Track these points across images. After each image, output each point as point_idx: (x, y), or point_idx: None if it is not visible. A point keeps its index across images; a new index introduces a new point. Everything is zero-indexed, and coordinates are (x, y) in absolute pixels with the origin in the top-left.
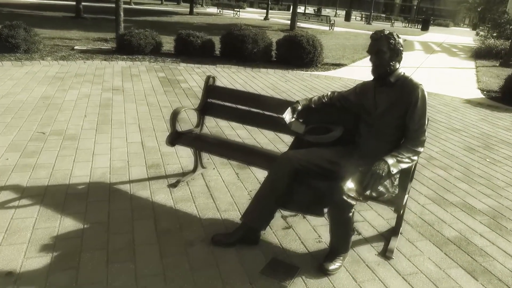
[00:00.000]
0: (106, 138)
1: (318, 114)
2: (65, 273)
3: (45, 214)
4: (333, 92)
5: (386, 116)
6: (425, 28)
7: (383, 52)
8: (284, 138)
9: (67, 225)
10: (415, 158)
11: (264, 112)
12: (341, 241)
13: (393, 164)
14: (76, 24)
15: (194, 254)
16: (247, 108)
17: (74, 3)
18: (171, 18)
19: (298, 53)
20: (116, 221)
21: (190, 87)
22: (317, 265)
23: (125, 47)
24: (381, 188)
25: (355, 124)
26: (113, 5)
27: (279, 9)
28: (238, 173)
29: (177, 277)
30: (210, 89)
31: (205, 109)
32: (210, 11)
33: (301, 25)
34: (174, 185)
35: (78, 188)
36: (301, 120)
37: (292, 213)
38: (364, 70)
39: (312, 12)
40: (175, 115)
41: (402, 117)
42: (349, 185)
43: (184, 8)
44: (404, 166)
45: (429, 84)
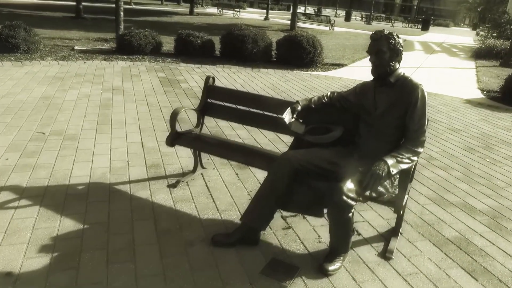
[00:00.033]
0: (106, 138)
1: (318, 114)
2: (65, 273)
3: (45, 214)
4: (332, 92)
5: (386, 116)
6: (425, 28)
7: (383, 52)
8: (284, 138)
9: (67, 225)
10: (415, 158)
11: (263, 112)
12: (341, 241)
13: (393, 165)
14: (76, 24)
15: (194, 254)
16: (246, 109)
17: (74, 3)
18: (171, 18)
19: (298, 53)
20: (116, 221)
21: (190, 87)
22: (317, 265)
23: (125, 47)
24: (381, 189)
25: (355, 125)
26: (113, 5)
27: (279, 9)
28: (238, 173)
29: (177, 277)
30: (210, 89)
31: (204, 109)
32: (210, 11)
33: (301, 25)
34: (174, 185)
35: (78, 188)
36: (300, 120)
37: (292, 214)
38: (364, 70)
39: (312, 12)
40: (174, 116)
41: (402, 117)
42: (349, 185)
43: (184, 8)
44: (404, 166)
45: (429, 84)
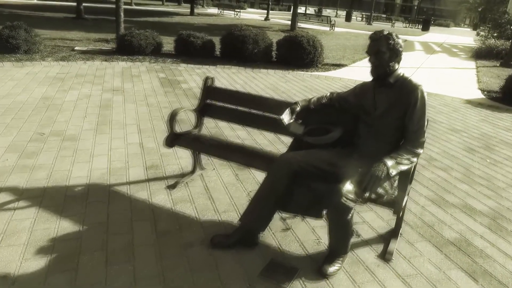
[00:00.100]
0: (105, 139)
1: (317, 115)
2: (63, 275)
3: (44, 216)
4: (332, 93)
5: (385, 117)
6: (425, 28)
7: (383, 52)
8: (283, 139)
9: (66, 226)
10: (414, 159)
11: (262, 113)
12: (340, 243)
13: (392, 166)
14: (77, 25)
15: (193, 255)
16: (246, 109)
17: (75, 4)
18: (172, 18)
19: (298, 53)
20: (115, 222)
21: (190, 87)
22: (316, 267)
23: (126, 48)
24: (380, 190)
25: (354, 125)
26: (114, 6)
27: (280, 10)
28: (237, 174)
29: (176, 279)
30: (209, 90)
31: (203, 110)
32: (210, 12)
33: (302, 25)
34: (173, 186)
35: (77, 189)
36: (300, 121)
37: (291, 215)
38: (365, 70)
39: (312, 12)
40: (173, 116)
41: (401, 118)
42: (348, 187)
43: (185, 8)
44: (403, 167)
45: (429, 85)
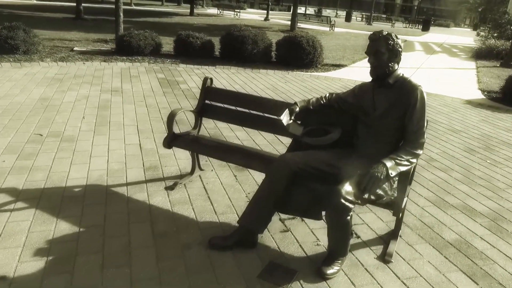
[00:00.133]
0: (103, 140)
1: (316, 115)
2: (59, 277)
3: (41, 217)
4: (331, 94)
5: (384, 118)
6: (425, 28)
7: (382, 53)
8: (283, 139)
9: (63, 228)
10: (414, 160)
11: (261, 113)
12: (340, 244)
13: (392, 167)
14: (76, 25)
15: (191, 257)
16: (244, 110)
17: (74, 5)
18: (172, 19)
19: (298, 54)
20: (112, 224)
21: (189, 88)
22: (315, 269)
23: (125, 48)
24: (379, 191)
25: (353, 126)
26: (114, 6)
27: (280, 10)
28: (236, 175)
29: (173, 281)
30: (208, 91)
31: (202, 111)
32: (210, 12)
33: (302, 25)
34: (171, 188)
35: (75, 191)
36: (299, 122)
37: (290, 216)
38: (365, 70)
39: (312, 12)
40: (172, 117)
41: (401, 119)
42: (347, 188)
43: (184, 9)
44: (403, 168)
45: (429, 85)
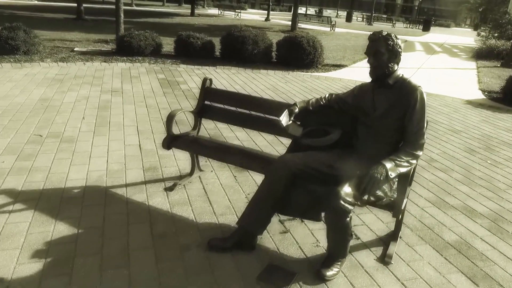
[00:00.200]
0: (103, 141)
1: (316, 116)
2: (58, 279)
3: (40, 219)
4: (331, 94)
5: (384, 118)
6: (426, 28)
7: (381, 53)
8: (283, 140)
9: (61, 229)
10: (414, 161)
11: (261, 114)
12: (339, 246)
13: (391, 168)
14: (77, 26)
15: (190, 259)
16: (244, 111)
17: (75, 5)
18: (172, 19)
19: (298, 54)
20: (111, 225)
21: (189, 88)
22: (315, 271)
23: (125, 49)
24: (379, 193)
25: (353, 127)
26: (114, 7)
27: (280, 10)
28: (236, 176)
29: (171, 283)
30: (207, 91)
31: (202, 112)
32: (211, 13)
33: (302, 26)
34: (170, 189)
35: (74, 192)
36: (298, 123)
37: (290, 217)
38: (365, 71)
39: (313, 13)
40: (171, 118)
41: (400, 119)
42: (347, 189)
43: (185, 9)
44: (402, 170)
45: (429, 85)
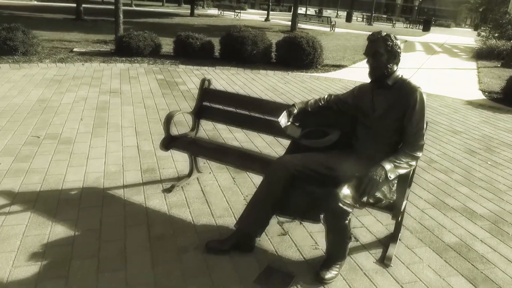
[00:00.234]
0: (101, 142)
1: (315, 117)
2: (54, 282)
3: (36, 221)
4: (330, 95)
5: (383, 119)
6: (426, 28)
7: (380, 54)
8: (282, 141)
9: (58, 232)
10: (413, 163)
11: (260, 115)
12: (338, 248)
13: (391, 170)
14: (76, 26)
15: (187, 261)
16: (242, 112)
17: (74, 5)
18: (172, 19)
19: (298, 54)
20: (108, 227)
21: (188, 89)
22: (314, 273)
23: (124, 49)
24: (378, 194)
25: (352, 127)
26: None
27: (280, 11)
28: (234, 178)
29: (169, 285)
30: (205, 92)
31: (200, 113)
32: (211, 13)
33: (302, 26)
34: (169, 190)
35: (71, 194)
36: (297, 124)
37: (289, 219)
38: (365, 71)
39: (313, 13)
40: (169, 119)
41: (400, 120)
42: (345, 191)
43: (185, 9)
44: (402, 171)
45: (429, 85)
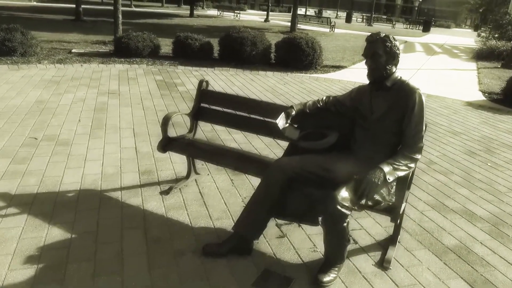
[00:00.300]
0: (99, 144)
1: (313, 119)
2: (50, 286)
3: (33, 224)
4: (328, 97)
5: (382, 121)
6: (426, 29)
7: (379, 55)
8: (281, 142)
9: (55, 234)
10: (412, 165)
11: (258, 117)
12: (336, 251)
13: (389, 172)
14: (76, 27)
15: (184, 264)
16: (240, 113)
17: (74, 6)
18: (171, 20)
19: (297, 55)
20: (105, 230)
21: (187, 90)
22: (312, 276)
23: (123, 50)
24: (377, 197)
25: (350, 129)
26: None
27: (280, 11)
28: (232, 179)
29: None
30: (203, 94)
31: (197, 114)
32: (210, 13)
33: (302, 27)
34: (166, 192)
35: (68, 196)
36: (295, 126)
37: (287, 222)
38: (364, 72)
39: (313, 14)
40: (166, 121)
41: (398, 122)
42: (344, 194)
43: (184, 10)
44: (400, 173)
45: (429, 86)
